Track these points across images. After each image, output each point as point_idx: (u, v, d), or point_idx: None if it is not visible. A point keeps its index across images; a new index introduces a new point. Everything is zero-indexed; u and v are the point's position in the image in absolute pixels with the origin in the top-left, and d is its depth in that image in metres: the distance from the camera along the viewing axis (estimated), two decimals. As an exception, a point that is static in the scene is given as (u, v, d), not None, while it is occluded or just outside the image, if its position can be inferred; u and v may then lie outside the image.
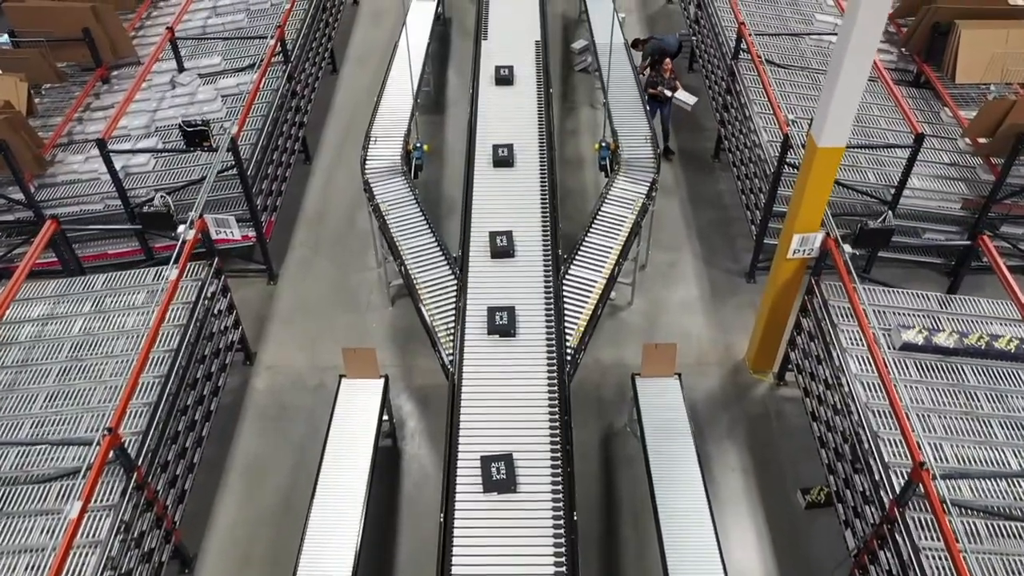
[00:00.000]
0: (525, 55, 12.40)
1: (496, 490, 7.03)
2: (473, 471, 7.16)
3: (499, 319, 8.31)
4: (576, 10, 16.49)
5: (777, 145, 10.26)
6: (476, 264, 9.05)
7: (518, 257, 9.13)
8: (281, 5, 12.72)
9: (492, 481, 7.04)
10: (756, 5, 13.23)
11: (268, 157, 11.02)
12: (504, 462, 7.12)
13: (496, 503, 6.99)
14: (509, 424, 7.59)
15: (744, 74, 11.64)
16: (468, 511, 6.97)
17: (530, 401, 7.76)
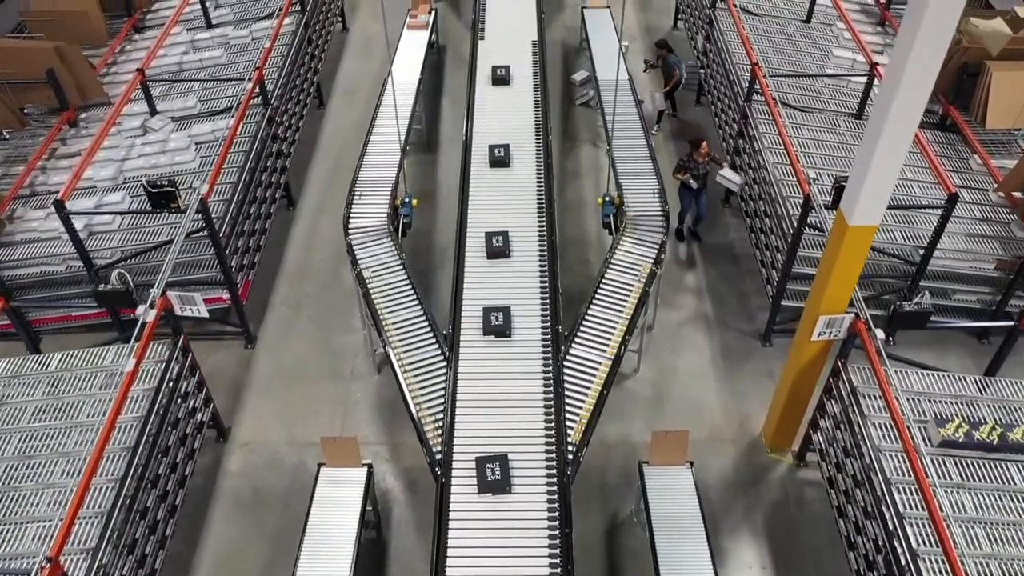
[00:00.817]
0: (522, 55, 12.31)
1: (491, 491, 6.98)
2: (468, 472, 7.09)
3: (495, 319, 8.20)
4: (576, 38, 15.67)
5: (796, 202, 9.46)
6: (472, 264, 8.96)
7: (514, 257, 9.04)
8: (262, 40, 11.91)
9: (487, 482, 6.98)
10: (769, 40, 12.41)
11: (245, 211, 10.20)
12: (499, 463, 7.07)
13: (491, 504, 6.95)
14: (505, 425, 7.53)
15: (758, 118, 10.82)
16: (463, 512, 6.91)
17: (525, 401, 7.69)
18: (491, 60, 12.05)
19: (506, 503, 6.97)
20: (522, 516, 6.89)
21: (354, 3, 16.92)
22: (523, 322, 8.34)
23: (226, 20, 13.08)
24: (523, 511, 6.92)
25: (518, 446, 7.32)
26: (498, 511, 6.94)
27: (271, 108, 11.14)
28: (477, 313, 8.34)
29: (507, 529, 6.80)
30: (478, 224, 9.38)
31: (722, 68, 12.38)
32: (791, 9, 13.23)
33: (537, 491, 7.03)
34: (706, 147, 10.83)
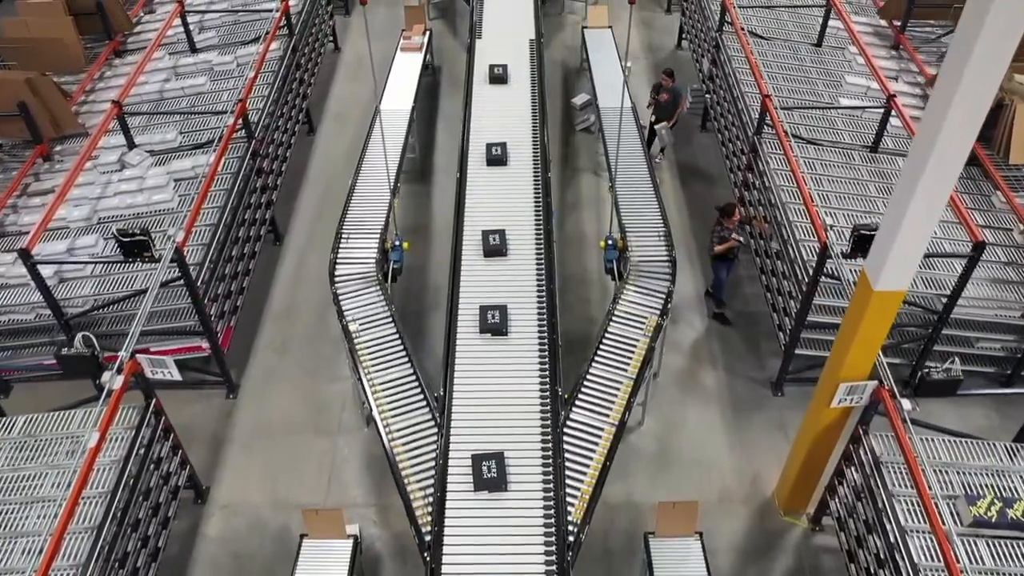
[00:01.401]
0: (520, 54, 12.23)
1: (487, 488, 6.95)
2: (464, 470, 7.05)
3: (491, 318, 8.17)
4: (577, 58, 15.10)
5: (811, 246, 8.91)
6: (468, 263, 8.90)
7: (511, 256, 8.97)
8: (248, 66, 11.34)
9: (483, 479, 6.96)
10: (778, 65, 11.84)
11: (226, 254, 9.64)
12: (495, 460, 7.04)
13: (487, 501, 6.92)
14: (501, 422, 7.46)
15: (769, 152, 10.25)
16: (459, 510, 6.86)
17: (522, 399, 7.63)
18: (489, 59, 11.96)
19: (502, 500, 6.93)
20: (518, 514, 6.86)
21: (346, 22, 16.35)
22: (520, 320, 8.29)
23: (211, 44, 12.52)
24: (519, 509, 6.89)
25: (514, 444, 7.28)
26: (494, 509, 6.92)
27: (255, 141, 10.56)
28: (474, 311, 8.27)
29: (503, 527, 6.79)
30: (475, 222, 9.30)
31: (730, 95, 11.82)
32: (801, 32, 12.67)
33: (533, 489, 6.99)
34: (739, 213, 9.90)
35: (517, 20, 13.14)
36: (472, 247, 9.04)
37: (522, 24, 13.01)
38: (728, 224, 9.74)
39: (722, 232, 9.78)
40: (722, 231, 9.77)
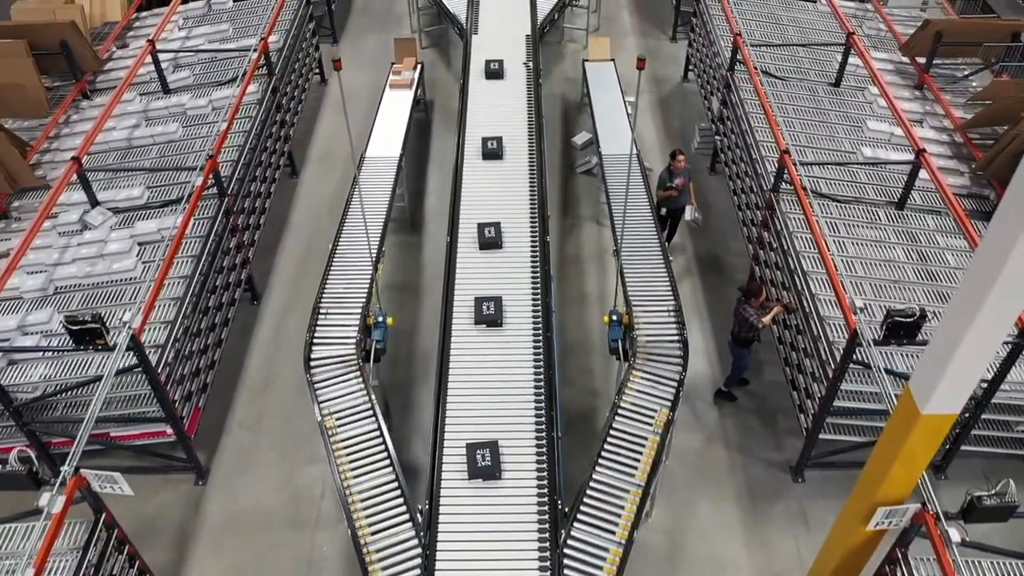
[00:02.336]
0: (515, 49, 12.40)
1: (481, 476, 7.02)
2: (459, 458, 7.15)
3: (486, 309, 8.32)
4: (577, 92, 14.25)
5: (837, 324, 8.07)
6: (464, 255, 9.08)
7: (506, 248, 9.15)
8: (224, 111, 10.48)
9: (477, 468, 7.03)
10: (795, 109, 11.00)
11: (194, 328, 8.80)
12: (489, 449, 7.11)
13: (481, 489, 7.00)
14: (495, 412, 7.58)
15: (788, 212, 9.41)
16: (453, 498, 6.95)
17: (516, 389, 7.75)
18: (484, 54, 12.18)
19: (496, 488, 7.02)
20: (511, 502, 6.95)
21: (333, 52, 15.47)
22: (514, 311, 8.46)
23: (185, 84, 11.66)
24: (512, 496, 6.98)
25: (508, 433, 7.38)
26: (488, 497, 6.98)
27: (228, 198, 9.72)
28: (469, 303, 8.44)
29: (496, 515, 6.86)
30: (470, 215, 9.51)
31: (742, 141, 10.97)
32: (818, 70, 11.82)
33: (527, 477, 7.08)
34: (762, 294, 8.86)
35: (513, 16, 13.25)
36: (467, 240, 9.25)
37: (518, 20, 13.16)
38: (755, 304, 8.79)
39: (751, 315, 8.70)
40: (750, 313, 8.72)
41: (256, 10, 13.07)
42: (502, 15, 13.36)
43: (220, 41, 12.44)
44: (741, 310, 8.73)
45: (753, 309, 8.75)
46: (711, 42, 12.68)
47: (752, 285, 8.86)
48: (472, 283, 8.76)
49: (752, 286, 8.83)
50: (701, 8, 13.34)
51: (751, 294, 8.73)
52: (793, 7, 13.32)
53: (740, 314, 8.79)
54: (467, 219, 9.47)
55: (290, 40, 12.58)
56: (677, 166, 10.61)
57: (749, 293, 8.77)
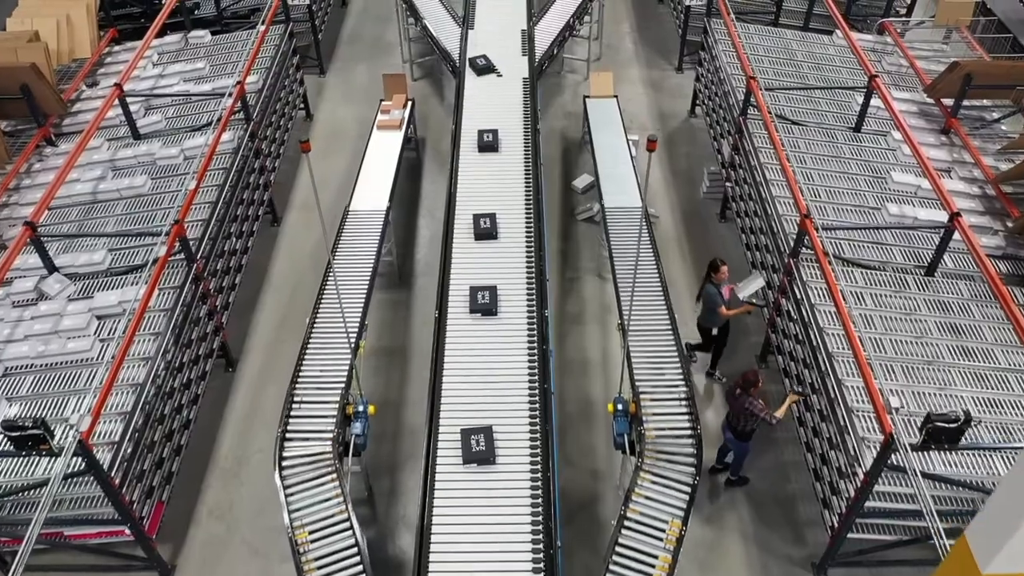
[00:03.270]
0: (511, 44, 12.52)
1: (475, 461, 7.10)
2: (453, 443, 7.23)
3: (481, 298, 8.47)
4: (578, 127, 13.42)
5: (866, 416, 7.27)
6: (459, 245, 9.22)
7: (501, 239, 9.29)
8: (196, 160, 9.64)
9: (472, 452, 7.12)
10: (813, 158, 10.20)
11: (156, 414, 7.99)
12: (483, 434, 7.22)
13: (475, 473, 7.07)
14: (489, 398, 7.66)
15: (809, 281, 8.60)
16: (448, 482, 7.01)
17: (510, 377, 7.85)
18: (480, 51, 12.30)
19: (490, 473, 7.08)
20: (505, 486, 7.01)
21: (320, 84, 14.67)
22: (509, 300, 8.58)
23: (157, 129, 10.84)
24: (506, 481, 7.04)
25: (502, 418, 7.47)
26: (482, 481, 7.05)
27: (197, 262, 8.91)
28: (464, 292, 8.60)
29: (491, 499, 6.92)
30: (466, 207, 9.65)
31: (756, 194, 10.16)
32: (837, 113, 11.00)
33: (520, 462, 7.16)
34: (762, 381, 8.09)
35: (509, 13, 13.31)
36: (463, 231, 9.37)
37: (513, 16, 13.20)
38: (754, 393, 7.95)
39: (752, 407, 7.88)
40: (751, 404, 7.89)
41: (236, 45, 12.27)
42: (498, 14, 13.33)
43: (196, 80, 11.63)
44: (747, 404, 7.86)
45: (758, 401, 7.92)
46: (721, 80, 11.87)
47: (749, 375, 7.91)
48: (467, 273, 8.93)
49: (749, 376, 7.91)
50: (710, 43, 12.52)
51: (750, 384, 7.87)
52: (808, 40, 12.52)
53: (745, 408, 7.92)
54: (463, 210, 9.60)
55: (271, 79, 11.76)
56: (720, 277, 9.04)
57: (748, 384, 7.89)
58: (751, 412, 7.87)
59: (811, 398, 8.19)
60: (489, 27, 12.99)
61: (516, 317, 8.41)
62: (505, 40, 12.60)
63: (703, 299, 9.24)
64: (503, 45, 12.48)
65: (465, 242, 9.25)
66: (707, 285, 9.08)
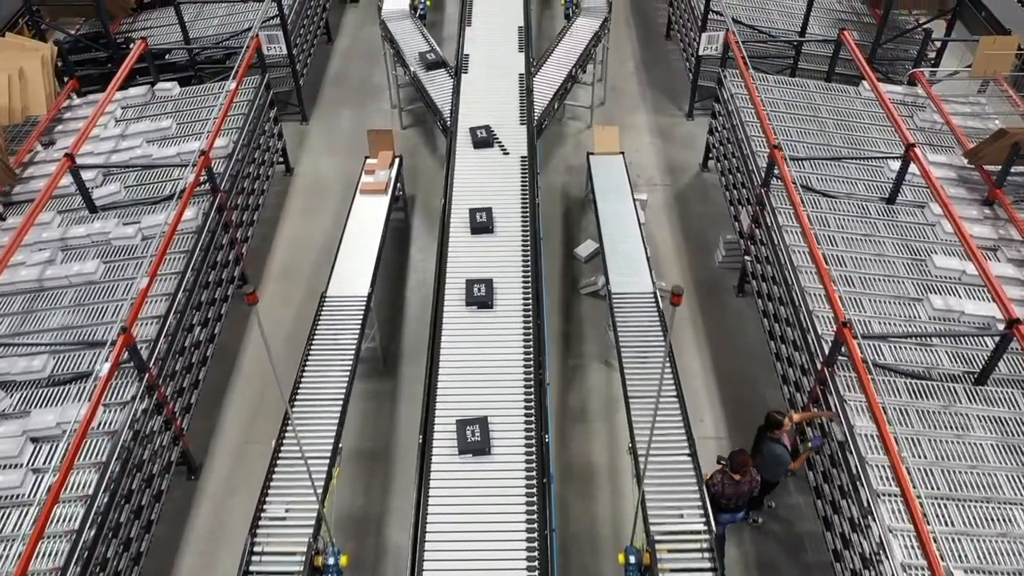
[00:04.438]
0: (509, 40, 12.43)
1: (471, 452, 7.15)
2: (449, 434, 7.30)
3: (477, 291, 8.51)
4: (580, 183, 12.34)
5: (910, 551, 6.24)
6: (456, 239, 9.21)
7: (497, 233, 9.31)
8: (155, 240, 8.58)
9: (467, 443, 7.17)
10: (843, 237, 9.13)
11: (99, 557, 6.93)
12: (479, 425, 7.27)
13: (470, 464, 7.10)
14: (485, 390, 7.69)
15: (847, 397, 7.53)
16: (443, 473, 7.05)
17: (505, 369, 7.88)
18: (478, 47, 12.25)
19: (485, 463, 7.12)
20: (500, 476, 7.04)
21: (302, 132, 13.60)
22: (505, 293, 8.61)
23: (114, 200, 9.78)
24: (501, 471, 7.07)
25: (497, 409, 7.51)
26: (477, 471, 7.08)
27: (150, 371, 7.85)
28: (460, 285, 8.61)
29: (485, 489, 6.97)
30: (463, 202, 9.65)
31: (781, 278, 9.10)
32: (867, 180, 9.95)
33: (515, 453, 7.19)
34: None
35: (506, 9, 13.16)
36: (459, 225, 9.35)
37: (511, 13, 13.05)
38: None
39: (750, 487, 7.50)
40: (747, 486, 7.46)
41: (206, 100, 11.22)
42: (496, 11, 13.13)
43: (160, 141, 10.58)
44: (746, 487, 7.49)
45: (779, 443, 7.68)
46: (739, 139, 10.79)
47: (771, 417, 7.66)
48: (464, 266, 8.91)
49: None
50: (725, 96, 11.45)
51: (774, 425, 7.62)
52: (832, 92, 11.45)
53: (745, 492, 7.53)
54: (459, 206, 9.58)
55: (243, 138, 10.70)
56: (781, 433, 7.79)
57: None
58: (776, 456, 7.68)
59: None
60: (482, 79, 11.77)
61: (512, 309, 8.48)
62: (501, 104, 11.27)
63: (766, 459, 7.81)
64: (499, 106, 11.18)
65: (462, 236, 9.27)
66: (768, 444, 7.78)
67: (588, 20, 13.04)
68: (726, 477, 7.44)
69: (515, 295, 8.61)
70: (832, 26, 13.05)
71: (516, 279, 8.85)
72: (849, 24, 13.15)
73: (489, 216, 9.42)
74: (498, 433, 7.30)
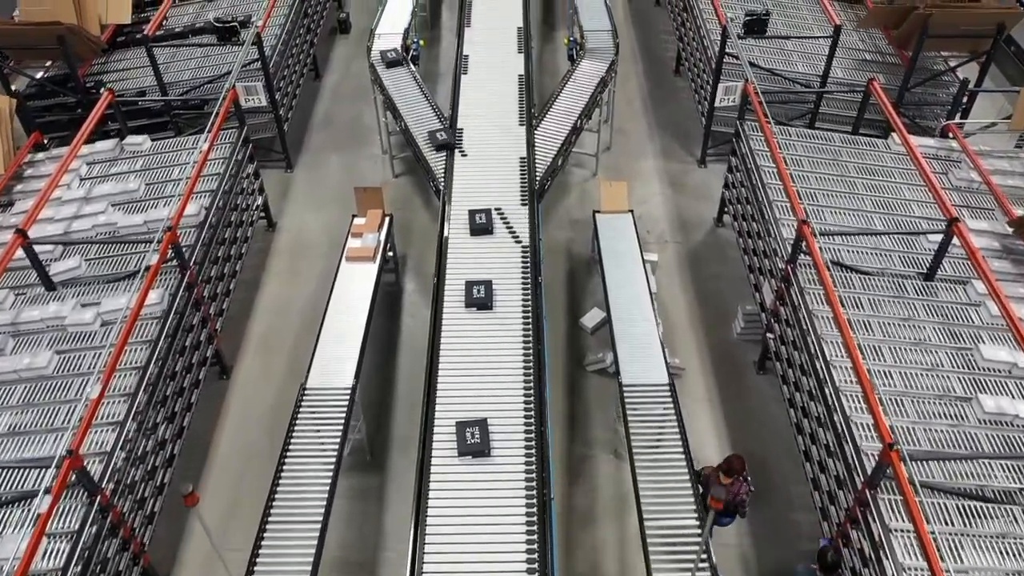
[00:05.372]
0: (508, 41, 12.48)
1: (470, 453, 7.25)
2: (448, 436, 7.40)
3: (476, 292, 8.59)
4: (585, 241, 11.39)
5: None
6: (455, 241, 9.30)
7: (496, 233, 9.39)
8: (113, 327, 7.66)
9: (467, 445, 7.28)
10: (880, 324, 8.23)
11: None
12: (479, 427, 7.37)
13: (470, 466, 7.21)
14: (485, 392, 7.77)
15: (892, 527, 6.64)
16: (443, 474, 7.15)
17: (505, 370, 7.94)
18: (477, 47, 12.28)
19: (485, 465, 7.19)
20: (500, 478, 7.11)
21: (286, 181, 12.66)
22: (504, 294, 8.67)
23: (75, 277, 8.87)
24: (501, 473, 7.15)
25: (497, 411, 7.59)
26: (477, 473, 7.15)
27: (102, 493, 6.94)
28: (460, 287, 8.69)
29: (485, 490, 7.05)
30: (462, 203, 9.72)
31: (811, 370, 8.19)
32: (903, 254, 9.04)
33: (515, 454, 7.24)
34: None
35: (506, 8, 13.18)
36: (459, 227, 9.45)
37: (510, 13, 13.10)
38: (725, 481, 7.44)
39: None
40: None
41: (178, 156, 10.32)
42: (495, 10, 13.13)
43: (126, 205, 9.68)
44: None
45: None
46: (758, 200, 9.89)
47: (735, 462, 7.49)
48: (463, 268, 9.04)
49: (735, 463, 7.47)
50: (743, 151, 10.53)
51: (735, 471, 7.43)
52: (860, 146, 10.54)
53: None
54: (458, 207, 9.71)
55: (218, 201, 9.79)
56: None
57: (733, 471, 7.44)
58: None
59: None
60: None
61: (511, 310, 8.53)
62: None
63: None
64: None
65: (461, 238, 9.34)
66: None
67: (594, 64, 12.10)
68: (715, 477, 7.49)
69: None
70: (855, 68, 12.14)
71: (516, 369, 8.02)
72: (873, 65, 12.24)
73: (488, 290, 8.63)
74: (498, 435, 7.44)
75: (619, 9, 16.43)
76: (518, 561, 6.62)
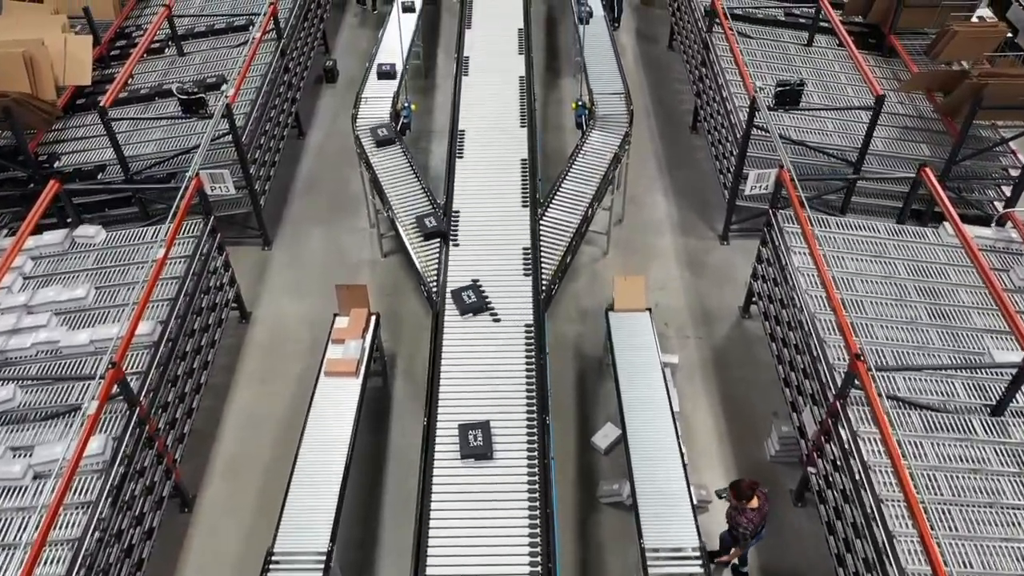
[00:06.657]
0: (508, 42, 12.24)
1: (473, 456, 7.09)
2: (451, 439, 7.21)
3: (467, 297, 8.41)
4: (597, 339, 10.11)
5: None
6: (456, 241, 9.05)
7: (496, 233, 9.21)
8: (54, 480, 6.46)
9: (469, 448, 7.12)
10: (948, 480, 7.01)
11: None
12: (481, 430, 7.21)
13: (473, 469, 7.04)
14: (487, 394, 7.61)
15: None
16: (445, 478, 6.99)
17: (507, 375, 7.76)
18: (477, 49, 12.09)
19: (487, 468, 7.04)
20: (503, 481, 6.96)
21: (263, 260, 11.39)
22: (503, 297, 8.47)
23: (8, 410, 7.64)
24: (504, 476, 7.00)
25: (500, 414, 7.42)
26: (480, 476, 6.99)
27: None
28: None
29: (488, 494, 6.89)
30: (464, 201, 9.54)
31: (865, 527, 6.97)
32: (965, 379, 7.79)
33: (518, 457, 7.11)
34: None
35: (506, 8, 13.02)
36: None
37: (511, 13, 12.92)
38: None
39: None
40: None
41: (136, 252, 9.11)
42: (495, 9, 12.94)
43: (72, 315, 8.48)
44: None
45: None
46: (795, 307, 8.66)
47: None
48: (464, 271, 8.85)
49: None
50: (776, 242, 9.28)
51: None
52: (908, 238, 9.30)
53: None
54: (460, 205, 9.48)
55: (178, 310, 8.56)
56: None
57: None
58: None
59: None
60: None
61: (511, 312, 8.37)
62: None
63: None
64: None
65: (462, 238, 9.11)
66: None
67: (605, 136, 10.84)
68: (739, 511, 7.33)
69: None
70: (897, 138, 10.92)
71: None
72: (915, 133, 11.03)
73: (487, 437, 7.35)
74: (501, 438, 7.28)
75: (628, 54, 15.18)
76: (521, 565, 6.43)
